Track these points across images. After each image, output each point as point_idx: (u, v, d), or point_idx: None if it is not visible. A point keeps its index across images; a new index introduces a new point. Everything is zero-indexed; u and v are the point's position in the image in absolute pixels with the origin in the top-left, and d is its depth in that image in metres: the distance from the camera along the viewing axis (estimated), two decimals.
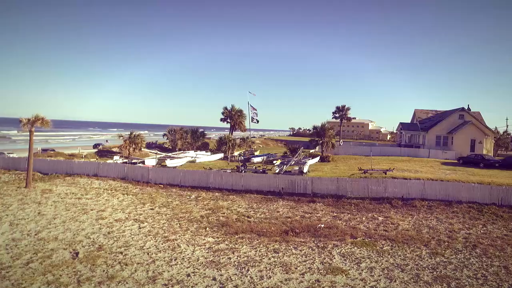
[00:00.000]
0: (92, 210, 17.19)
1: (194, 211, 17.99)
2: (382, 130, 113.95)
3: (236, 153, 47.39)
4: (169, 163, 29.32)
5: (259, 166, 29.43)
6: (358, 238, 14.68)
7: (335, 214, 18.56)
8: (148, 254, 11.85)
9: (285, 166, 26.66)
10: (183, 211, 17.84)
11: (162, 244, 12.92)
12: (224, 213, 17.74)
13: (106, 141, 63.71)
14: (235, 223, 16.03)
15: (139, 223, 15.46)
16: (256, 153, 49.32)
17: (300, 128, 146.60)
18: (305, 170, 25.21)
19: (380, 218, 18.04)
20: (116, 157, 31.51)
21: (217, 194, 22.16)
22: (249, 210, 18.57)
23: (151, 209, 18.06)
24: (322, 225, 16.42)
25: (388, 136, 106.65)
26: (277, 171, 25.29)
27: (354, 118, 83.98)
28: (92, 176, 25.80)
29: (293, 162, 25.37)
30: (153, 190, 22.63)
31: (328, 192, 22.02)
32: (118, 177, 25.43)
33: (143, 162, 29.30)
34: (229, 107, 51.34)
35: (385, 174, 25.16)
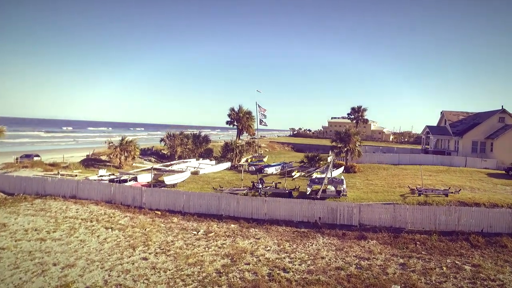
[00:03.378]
0: (55, 265, 11.54)
1: (206, 260, 12.51)
2: (384, 130, 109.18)
3: (243, 160, 41.93)
4: (168, 180, 23.57)
5: (280, 182, 23.80)
6: None
7: (402, 261, 13.33)
8: None
9: (315, 184, 20.95)
10: (189, 260, 12.36)
11: None
12: (249, 264, 12.31)
13: (105, 142, 57.33)
14: (270, 286, 10.60)
15: None
16: (265, 160, 43.82)
17: (300, 129, 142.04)
18: (344, 191, 19.57)
19: (467, 268, 12.89)
20: (101, 171, 25.30)
21: (233, 226, 16.70)
22: (283, 256, 13.16)
23: (143, 258, 12.52)
24: (398, 287, 11.11)
25: (391, 137, 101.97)
26: (308, 192, 19.64)
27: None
28: (70, 199, 20.08)
29: (326, 181, 19.76)
30: (147, 220, 17.11)
31: (380, 224, 16.69)
32: (103, 200, 19.75)
33: (135, 179, 23.55)
34: (236, 108, 45.45)
35: (447, 196, 19.59)
